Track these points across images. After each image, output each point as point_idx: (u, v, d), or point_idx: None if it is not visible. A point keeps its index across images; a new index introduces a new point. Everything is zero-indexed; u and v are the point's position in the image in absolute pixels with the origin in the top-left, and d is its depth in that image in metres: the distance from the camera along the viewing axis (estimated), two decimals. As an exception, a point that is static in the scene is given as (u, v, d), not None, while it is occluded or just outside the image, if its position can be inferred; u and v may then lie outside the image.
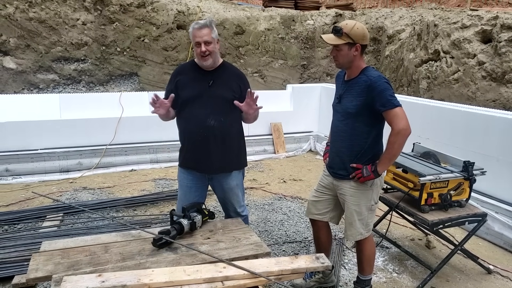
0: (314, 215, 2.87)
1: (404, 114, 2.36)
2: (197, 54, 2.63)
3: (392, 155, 2.43)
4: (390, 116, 2.36)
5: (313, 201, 2.87)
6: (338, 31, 2.41)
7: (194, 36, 2.59)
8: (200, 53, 2.59)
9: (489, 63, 5.37)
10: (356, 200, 2.58)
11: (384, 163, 2.48)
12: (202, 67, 2.70)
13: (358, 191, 2.57)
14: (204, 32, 2.58)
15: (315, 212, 2.86)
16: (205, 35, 2.58)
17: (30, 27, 6.87)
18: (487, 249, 3.74)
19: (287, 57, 9.01)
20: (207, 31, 2.59)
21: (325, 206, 2.82)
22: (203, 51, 2.58)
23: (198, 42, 2.58)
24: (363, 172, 2.50)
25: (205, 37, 2.58)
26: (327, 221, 2.87)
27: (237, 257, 2.15)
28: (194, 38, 2.60)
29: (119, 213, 4.26)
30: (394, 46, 7.97)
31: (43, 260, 2.05)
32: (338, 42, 2.42)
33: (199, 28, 2.58)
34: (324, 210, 2.82)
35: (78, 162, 5.50)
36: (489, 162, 3.84)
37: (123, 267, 2.01)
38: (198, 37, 2.57)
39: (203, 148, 2.68)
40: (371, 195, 2.59)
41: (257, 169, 5.98)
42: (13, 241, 3.40)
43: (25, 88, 7.03)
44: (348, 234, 2.68)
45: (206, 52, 2.58)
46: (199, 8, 8.25)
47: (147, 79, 7.90)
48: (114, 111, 5.82)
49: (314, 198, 2.87)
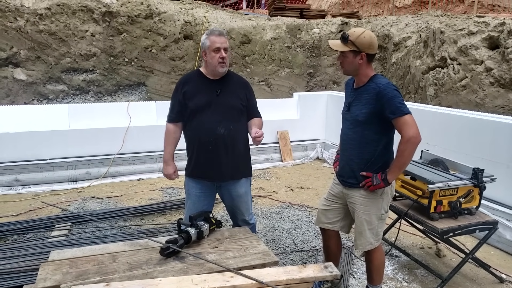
0: (324, 224, 2.84)
1: (414, 121, 2.34)
2: (214, 61, 2.62)
3: (402, 163, 2.41)
4: (399, 123, 2.34)
5: (323, 209, 2.84)
6: (345, 38, 2.41)
7: (214, 42, 2.59)
8: (219, 58, 2.60)
9: (497, 69, 5.34)
10: (366, 209, 2.56)
11: (394, 171, 2.46)
12: (213, 75, 2.71)
13: (368, 200, 2.55)
14: (223, 39, 2.62)
15: (325, 221, 2.83)
16: (224, 41, 2.62)
17: (40, 39, 6.99)
18: (499, 257, 3.68)
19: (293, 66, 9.04)
20: (225, 38, 2.64)
21: (335, 215, 2.79)
22: (223, 57, 2.60)
23: (218, 48, 2.59)
24: (373, 181, 2.47)
25: (225, 44, 2.62)
26: (337, 230, 2.85)
27: (244, 266, 2.14)
28: (213, 44, 2.59)
29: (127, 222, 4.27)
30: (401, 53, 7.96)
31: (51, 270, 2.06)
32: (343, 49, 2.43)
33: (219, 35, 2.61)
34: (334, 219, 2.79)
35: (86, 171, 5.54)
36: (499, 169, 3.79)
37: (131, 276, 2.01)
38: (219, 43, 2.59)
39: (213, 156, 2.69)
40: (381, 204, 2.57)
41: (264, 178, 5.97)
42: (22, 250, 3.42)
43: (35, 99, 7.14)
44: (358, 243, 2.65)
45: (225, 58, 2.61)
46: (206, 18, 8.34)
47: (155, 89, 7.97)
48: (122, 121, 5.87)
49: (324, 206, 2.84)
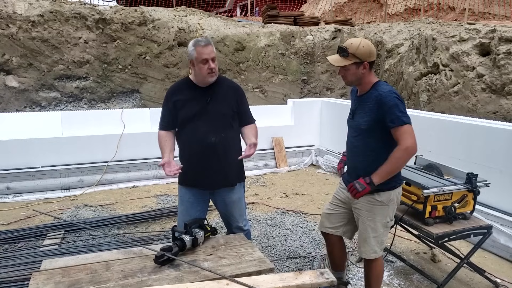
0: (327, 229, 2.82)
1: (413, 132, 2.32)
2: (203, 72, 2.59)
3: (393, 169, 2.38)
4: (398, 133, 2.32)
5: (327, 213, 2.82)
6: (344, 51, 2.40)
7: (201, 53, 2.56)
8: (208, 69, 2.58)
9: (488, 76, 5.40)
10: (371, 216, 2.53)
11: (381, 175, 2.38)
12: (202, 84, 2.69)
13: (374, 206, 2.51)
14: (210, 49, 2.59)
15: (328, 226, 2.81)
16: (211, 51, 2.59)
17: (32, 46, 6.96)
18: (494, 262, 3.68)
19: (287, 72, 9.09)
20: (212, 48, 2.61)
21: (339, 219, 2.76)
22: (212, 67, 2.58)
23: (206, 59, 2.56)
24: (357, 187, 2.40)
25: (212, 54, 2.59)
26: (340, 235, 2.81)
27: (240, 274, 2.11)
28: (200, 55, 2.56)
29: (121, 230, 4.22)
30: (393, 60, 8.04)
31: (43, 279, 2.02)
32: (345, 63, 2.41)
33: (205, 45, 2.57)
34: (337, 223, 2.77)
35: (80, 179, 5.48)
36: (492, 174, 3.81)
37: (125, 285, 1.98)
38: (206, 54, 2.56)
39: (205, 165, 2.67)
40: (387, 211, 2.54)
41: (259, 184, 5.95)
42: (13, 260, 3.36)
43: (27, 106, 7.08)
44: (362, 250, 2.62)
45: (214, 69, 2.60)
46: (200, 25, 8.37)
47: (149, 96, 7.96)
48: (116, 128, 5.84)
49: (328, 210, 2.83)
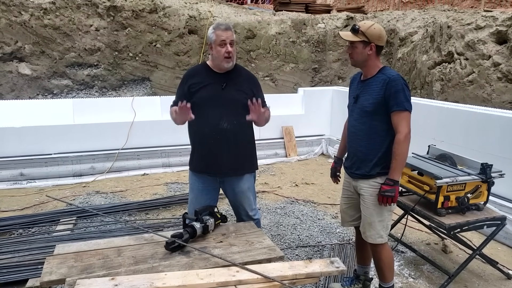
0: (349, 223, 2.85)
1: (410, 120, 2.39)
2: (220, 55, 2.57)
3: (403, 159, 2.42)
4: (399, 117, 2.38)
5: (344, 208, 2.84)
6: (355, 29, 2.45)
7: (219, 36, 2.54)
8: (225, 53, 2.56)
9: (505, 64, 5.27)
10: (375, 200, 2.52)
11: (396, 170, 2.42)
12: (219, 70, 2.67)
13: (377, 190, 2.52)
14: (229, 33, 2.57)
15: (348, 220, 2.83)
16: (230, 35, 2.57)
17: (44, 34, 6.98)
18: (506, 253, 3.64)
19: (298, 61, 8.99)
20: (231, 33, 2.59)
21: (355, 210, 2.76)
22: (229, 51, 2.56)
23: (224, 42, 2.54)
24: (387, 195, 2.40)
25: (231, 38, 2.57)
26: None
27: (250, 261, 2.12)
28: (218, 37, 2.54)
29: (132, 216, 4.27)
30: (407, 48, 7.89)
31: (56, 264, 2.05)
32: (353, 39, 2.46)
33: (225, 29, 2.56)
34: (356, 215, 2.77)
35: (91, 166, 5.54)
36: (508, 165, 3.73)
37: (136, 270, 2.00)
38: (225, 36, 2.54)
39: (215, 150, 2.67)
40: None
41: (268, 173, 5.95)
42: (27, 244, 3.43)
43: (40, 94, 7.14)
44: (367, 235, 2.60)
45: (231, 52, 2.57)
46: (211, 13, 8.30)
47: (159, 84, 7.96)
48: (127, 116, 5.87)
49: (343, 205, 2.85)
